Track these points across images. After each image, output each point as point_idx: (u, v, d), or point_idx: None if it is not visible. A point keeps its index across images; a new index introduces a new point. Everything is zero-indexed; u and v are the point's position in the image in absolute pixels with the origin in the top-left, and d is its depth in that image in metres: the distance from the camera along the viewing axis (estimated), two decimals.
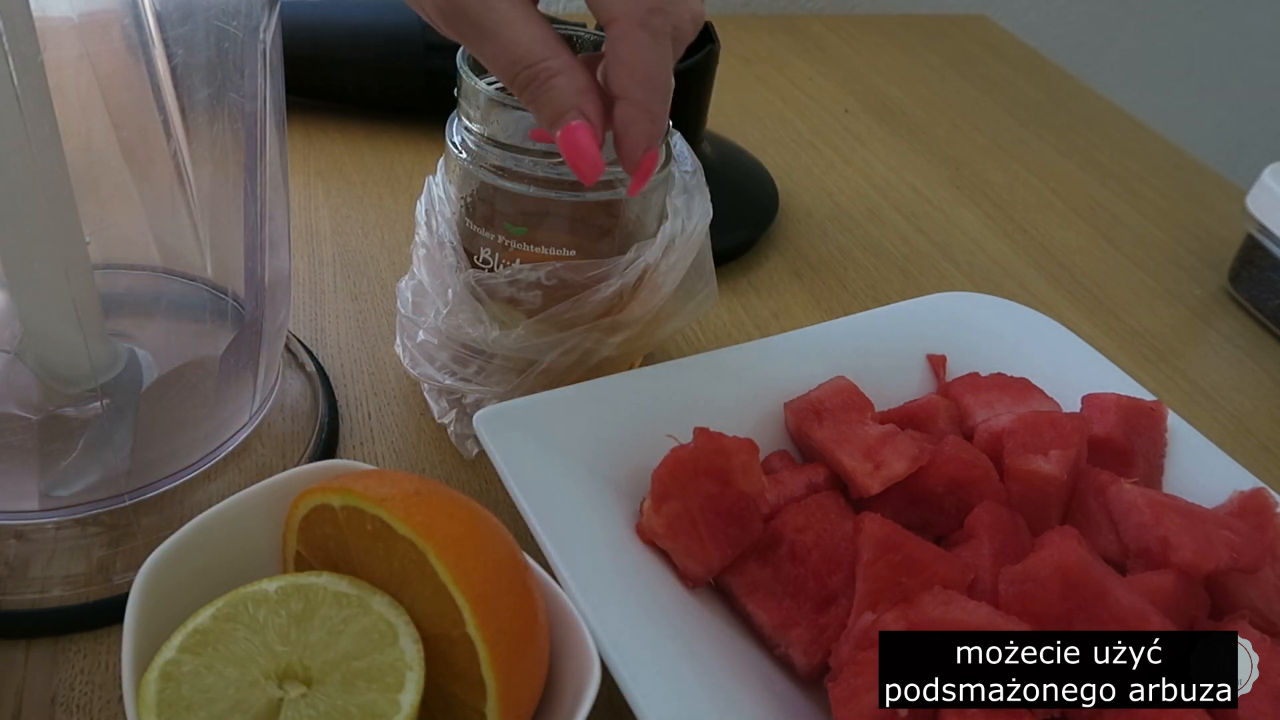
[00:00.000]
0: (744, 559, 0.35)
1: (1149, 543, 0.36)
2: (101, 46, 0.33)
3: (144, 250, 0.39)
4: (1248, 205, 0.60)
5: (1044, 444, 0.38)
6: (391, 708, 0.27)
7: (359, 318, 0.50)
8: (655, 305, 0.41)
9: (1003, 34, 0.97)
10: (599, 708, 0.29)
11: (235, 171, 0.36)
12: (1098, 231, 0.68)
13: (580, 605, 0.31)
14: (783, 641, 0.34)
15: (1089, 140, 0.80)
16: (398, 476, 0.30)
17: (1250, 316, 0.62)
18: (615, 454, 0.37)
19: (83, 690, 0.33)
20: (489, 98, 0.37)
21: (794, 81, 0.81)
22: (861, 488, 0.37)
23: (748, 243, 0.59)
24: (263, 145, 0.36)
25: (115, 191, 0.36)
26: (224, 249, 0.39)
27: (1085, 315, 0.59)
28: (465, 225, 0.40)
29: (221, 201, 0.37)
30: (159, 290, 0.40)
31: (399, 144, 0.64)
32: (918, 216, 0.66)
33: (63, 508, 0.35)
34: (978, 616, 0.31)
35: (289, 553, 0.31)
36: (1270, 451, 0.52)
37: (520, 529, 0.33)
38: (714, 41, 0.54)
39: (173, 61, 0.34)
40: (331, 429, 0.43)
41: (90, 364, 0.35)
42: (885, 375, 0.43)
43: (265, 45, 0.34)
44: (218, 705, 0.26)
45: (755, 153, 0.67)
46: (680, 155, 0.42)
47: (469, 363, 0.42)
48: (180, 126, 0.35)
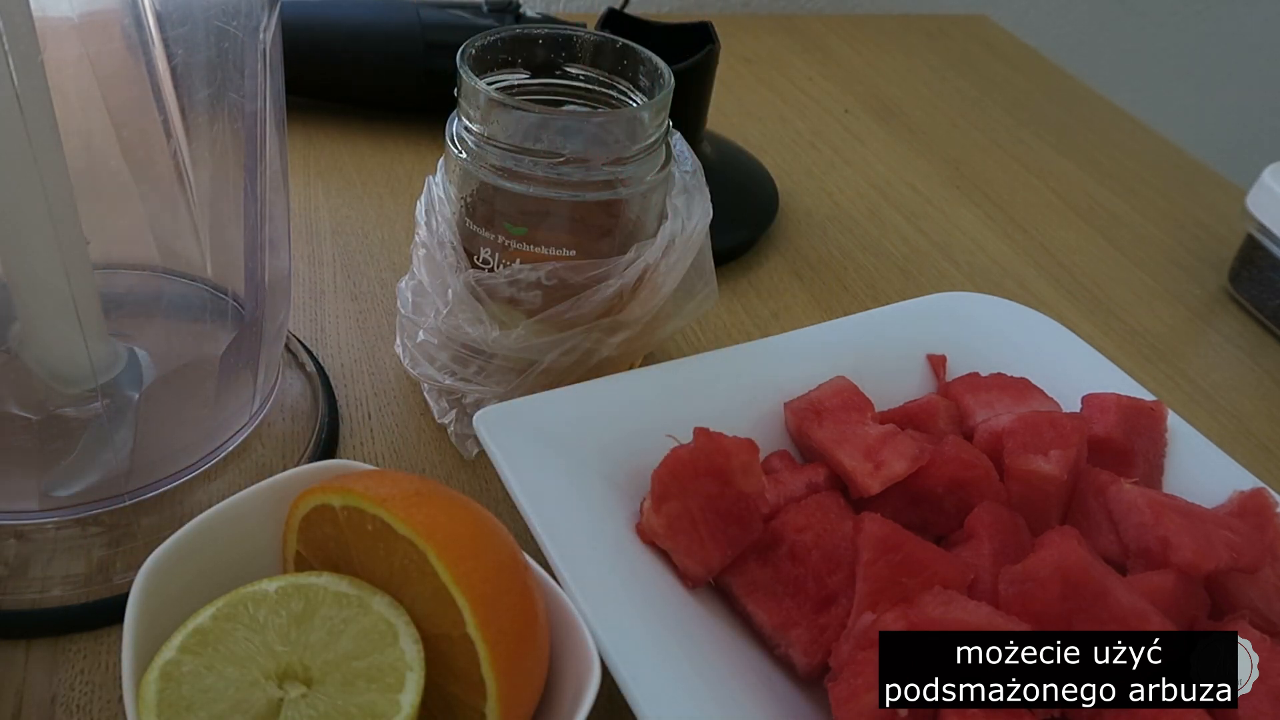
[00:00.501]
0: (744, 559, 0.35)
1: (1149, 543, 0.36)
2: (101, 46, 0.33)
3: (144, 250, 0.39)
4: (1248, 205, 0.60)
5: (1044, 444, 0.38)
6: (391, 708, 0.27)
7: (359, 318, 0.50)
8: (655, 305, 0.41)
9: (1003, 34, 0.97)
10: (599, 708, 0.29)
11: (235, 171, 0.36)
12: (1098, 231, 0.68)
13: (580, 605, 0.31)
14: (783, 641, 0.34)
15: (1089, 140, 0.80)
16: (398, 476, 0.30)
17: (1250, 316, 0.62)
18: (615, 454, 0.37)
19: (83, 690, 0.33)
20: (489, 98, 0.37)
21: (794, 81, 0.81)
22: (861, 488, 0.37)
23: (748, 243, 0.59)
24: (263, 145, 0.36)
25: (115, 191, 0.36)
26: (224, 249, 0.38)
27: (1085, 315, 0.59)
28: (465, 225, 0.40)
29: (221, 201, 0.37)
30: (159, 290, 0.40)
31: (399, 144, 0.64)
32: (918, 216, 0.66)
33: (63, 508, 0.35)
34: (978, 616, 0.31)
35: (289, 553, 0.31)
36: (1270, 451, 0.52)
37: (520, 529, 0.33)
38: (714, 41, 0.54)
39: (173, 61, 0.34)
40: (331, 429, 0.43)
41: (90, 364, 0.35)
42: (885, 375, 0.43)
43: (265, 45, 0.34)
44: (218, 705, 0.26)
45: (755, 153, 0.67)
46: (680, 155, 0.42)
47: (469, 363, 0.42)
48: (180, 126, 0.35)
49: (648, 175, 0.39)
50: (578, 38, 0.41)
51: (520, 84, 0.41)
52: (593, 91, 0.42)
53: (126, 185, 0.36)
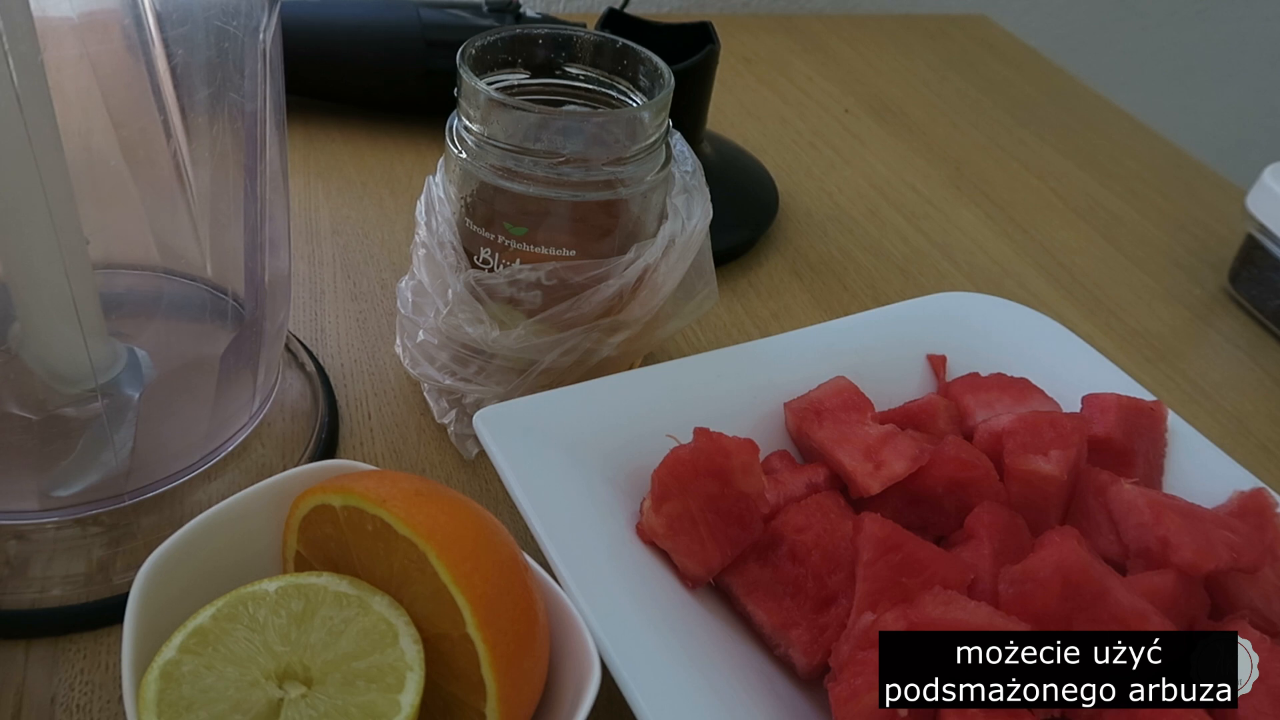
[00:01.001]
0: (744, 559, 0.35)
1: (1149, 543, 0.36)
2: (101, 46, 0.33)
3: (144, 250, 0.39)
4: (1248, 205, 0.60)
5: (1044, 444, 0.38)
6: (391, 708, 0.27)
7: (359, 318, 0.50)
8: (655, 305, 0.41)
9: (1003, 34, 0.97)
10: (599, 708, 0.29)
11: (235, 171, 0.36)
12: (1098, 231, 0.68)
13: (580, 605, 0.31)
14: (783, 641, 0.34)
15: (1089, 140, 0.80)
16: (398, 477, 0.30)
17: (1250, 316, 0.62)
18: (615, 454, 0.37)
19: (83, 690, 0.33)
20: (489, 98, 0.37)
21: (794, 81, 0.81)
22: (861, 488, 0.37)
23: (748, 243, 0.59)
24: (263, 145, 0.36)
25: (115, 191, 0.36)
26: (224, 249, 0.39)
27: (1085, 315, 0.59)
28: (465, 225, 0.40)
29: (222, 201, 0.37)
30: (159, 290, 0.40)
31: (399, 144, 0.64)
32: (918, 216, 0.66)
33: (63, 508, 0.35)
34: (978, 616, 0.31)
35: (289, 553, 0.31)
36: (1270, 451, 0.52)
37: (520, 529, 0.33)
38: (714, 41, 0.54)
39: (172, 61, 0.34)
40: (331, 429, 0.43)
41: (90, 364, 0.35)
42: (885, 375, 0.43)
43: (265, 45, 0.34)
44: (218, 705, 0.26)
45: (755, 153, 0.67)
46: (680, 155, 0.42)
47: (469, 363, 0.42)
48: (180, 126, 0.35)
49: (648, 175, 0.39)
50: (578, 38, 0.41)
51: (520, 84, 0.41)
52: (593, 91, 0.42)
53: (126, 185, 0.36)
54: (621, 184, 0.39)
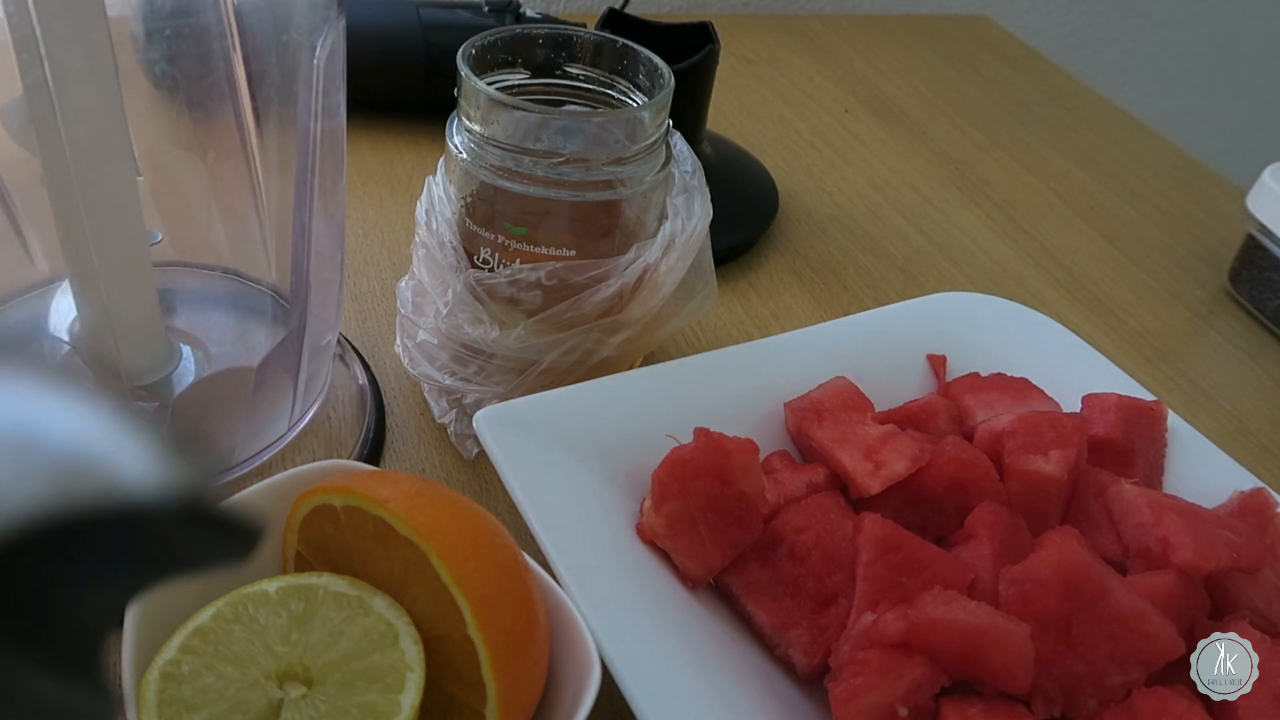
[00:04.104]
0: (744, 559, 0.35)
1: (1149, 543, 0.36)
2: (177, 49, 0.33)
3: (213, 251, 0.40)
4: (1248, 205, 0.60)
5: (1044, 444, 0.38)
6: (392, 709, 0.27)
7: (359, 318, 0.50)
8: (655, 305, 0.41)
9: (1003, 34, 0.97)
10: (599, 708, 0.29)
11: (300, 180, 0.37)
12: (1098, 231, 0.68)
13: (580, 605, 0.31)
14: (783, 641, 0.34)
15: (1089, 140, 0.80)
16: (399, 477, 0.30)
17: (1250, 316, 0.62)
18: (615, 454, 0.37)
19: None
20: (489, 98, 0.37)
21: (794, 81, 0.81)
22: (861, 488, 0.37)
23: (748, 243, 0.59)
24: (314, 157, 0.35)
25: (188, 190, 0.37)
26: (288, 256, 0.38)
27: (1085, 315, 0.59)
28: (465, 225, 0.40)
29: (289, 209, 0.37)
30: (224, 291, 0.41)
31: (399, 144, 0.64)
32: (918, 216, 0.66)
33: None
34: (978, 616, 0.31)
35: (289, 553, 0.31)
36: (1270, 451, 0.52)
37: (520, 529, 0.33)
38: (714, 41, 0.54)
39: (249, 68, 0.34)
40: (376, 443, 0.42)
41: (147, 363, 0.35)
42: (885, 375, 0.43)
43: (323, 58, 0.34)
44: (218, 705, 0.26)
45: (755, 153, 0.67)
46: (680, 155, 0.42)
47: (469, 363, 0.42)
48: (254, 131, 0.36)
49: (648, 175, 0.39)
50: (578, 38, 0.41)
51: (520, 84, 0.41)
52: (593, 91, 0.42)
53: (201, 184, 0.37)
54: (621, 184, 0.39)
